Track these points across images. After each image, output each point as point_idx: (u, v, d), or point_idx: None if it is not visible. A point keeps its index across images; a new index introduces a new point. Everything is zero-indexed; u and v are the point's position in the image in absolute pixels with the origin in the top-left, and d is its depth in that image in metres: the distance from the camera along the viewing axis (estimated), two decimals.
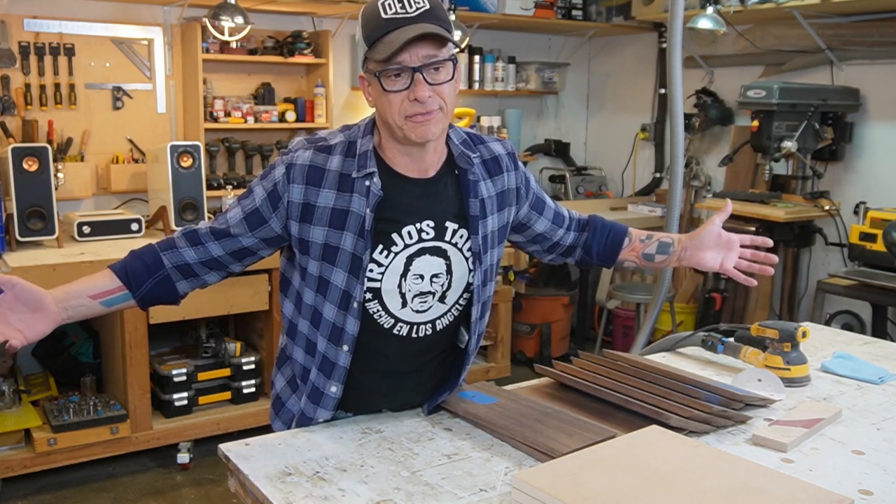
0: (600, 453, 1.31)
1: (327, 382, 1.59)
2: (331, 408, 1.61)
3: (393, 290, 1.57)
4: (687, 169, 4.96)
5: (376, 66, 1.46)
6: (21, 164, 3.28)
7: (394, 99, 1.46)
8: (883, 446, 1.51)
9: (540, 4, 4.87)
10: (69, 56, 3.83)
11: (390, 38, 1.43)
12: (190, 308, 3.44)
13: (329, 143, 1.56)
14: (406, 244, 1.56)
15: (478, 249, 1.60)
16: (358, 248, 1.52)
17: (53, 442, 3.21)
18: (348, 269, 1.53)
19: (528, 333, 4.89)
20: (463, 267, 1.61)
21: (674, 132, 2.64)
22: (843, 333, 2.33)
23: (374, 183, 1.52)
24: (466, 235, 1.60)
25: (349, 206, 1.52)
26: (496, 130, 5.09)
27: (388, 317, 1.59)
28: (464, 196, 1.59)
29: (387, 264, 1.55)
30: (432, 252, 1.57)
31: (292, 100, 4.42)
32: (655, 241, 1.83)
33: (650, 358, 1.98)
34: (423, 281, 1.58)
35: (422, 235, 1.56)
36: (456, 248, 1.60)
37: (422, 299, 1.59)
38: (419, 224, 1.56)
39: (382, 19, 1.44)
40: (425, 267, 1.57)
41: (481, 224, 1.60)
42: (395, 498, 1.28)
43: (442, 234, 1.58)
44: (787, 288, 4.39)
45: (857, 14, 4.12)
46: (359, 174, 1.52)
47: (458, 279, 1.61)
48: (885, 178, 4.14)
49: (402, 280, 1.57)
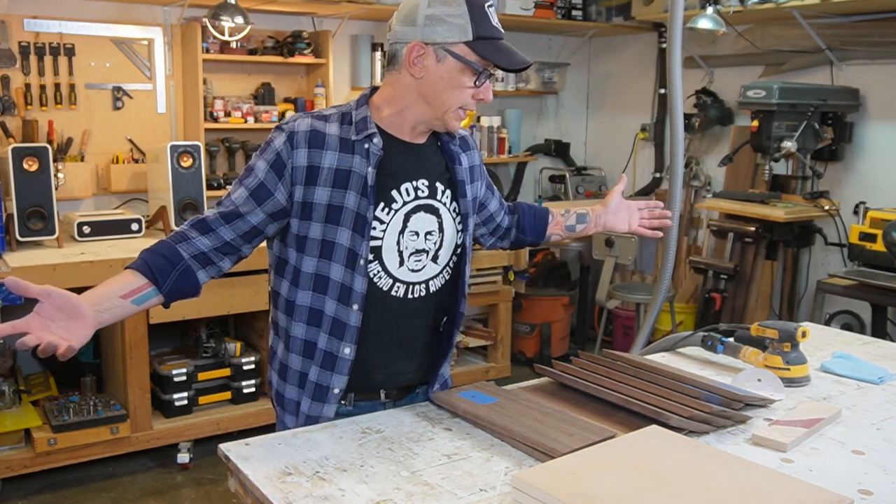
0: (600, 453, 1.31)
1: (340, 344, 1.64)
2: (346, 371, 1.65)
3: (392, 247, 1.65)
4: (687, 169, 4.97)
5: (480, 61, 1.56)
6: (21, 164, 3.28)
7: (466, 90, 1.58)
8: (883, 446, 1.51)
9: (540, 4, 4.87)
10: (69, 56, 3.83)
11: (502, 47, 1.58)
12: (190, 308, 3.44)
13: (323, 113, 1.66)
14: (405, 201, 1.65)
15: (466, 211, 1.73)
16: (361, 207, 1.60)
17: (53, 442, 3.21)
18: (352, 227, 1.60)
19: (528, 333, 4.89)
20: (452, 227, 1.73)
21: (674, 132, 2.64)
22: (843, 333, 2.33)
23: (373, 144, 1.61)
24: (451, 197, 1.72)
25: (351, 166, 1.60)
26: (496, 130, 5.09)
27: (386, 277, 1.66)
28: (449, 163, 1.73)
29: (388, 221, 1.64)
30: (426, 209, 1.68)
31: (292, 100, 4.42)
32: (574, 214, 2.05)
33: (650, 358, 1.98)
34: (418, 238, 1.67)
35: (418, 193, 1.67)
36: (446, 208, 1.71)
37: (417, 257, 1.68)
38: (415, 182, 1.67)
39: (492, 25, 1.58)
40: (420, 224, 1.67)
41: (468, 188, 1.75)
42: (395, 498, 1.28)
43: (434, 193, 1.69)
44: (787, 288, 4.39)
45: (857, 14, 4.12)
46: (358, 136, 1.61)
47: (449, 239, 1.72)
48: (885, 178, 4.14)
49: (400, 237, 1.66)
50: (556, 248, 5.33)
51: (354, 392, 1.70)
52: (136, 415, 3.40)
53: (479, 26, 1.56)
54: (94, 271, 3.20)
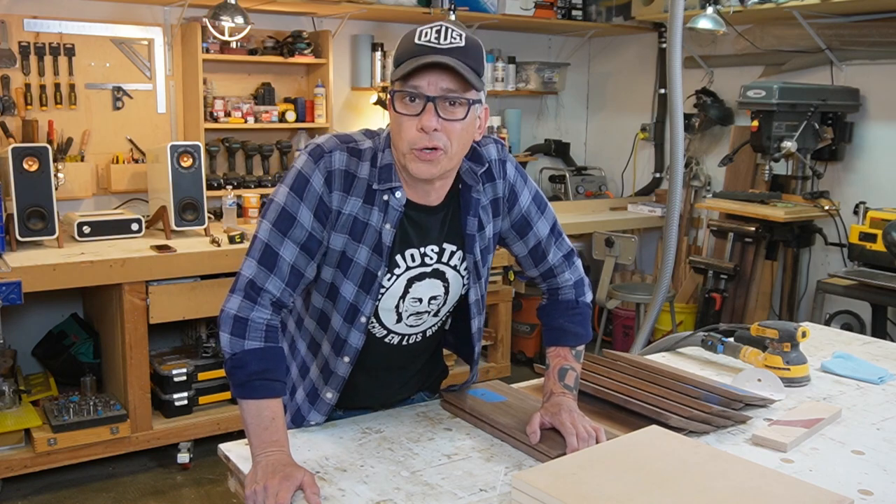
0: (600, 453, 1.31)
1: (325, 388, 1.59)
2: (324, 412, 1.60)
3: (390, 309, 1.56)
4: (687, 169, 4.97)
5: (395, 85, 1.41)
6: (21, 164, 3.28)
7: (404, 123, 1.40)
8: (883, 446, 1.51)
9: (540, 4, 4.87)
10: (69, 56, 3.83)
11: (413, 60, 1.37)
12: (190, 308, 3.44)
13: (359, 147, 1.50)
14: (408, 266, 1.53)
15: (473, 267, 1.58)
16: (371, 264, 1.49)
17: (53, 442, 3.21)
18: (359, 284, 1.50)
19: (528, 333, 4.89)
20: (458, 284, 1.60)
21: (674, 132, 2.64)
22: (843, 333, 2.33)
23: (395, 199, 1.47)
24: (462, 255, 1.57)
25: (369, 218, 1.48)
26: (496, 130, 5.09)
27: (381, 328, 1.59)
28: (462, 214, 1.55)
29: (388, 286, 1.53)
30: (432, 275, 1.56)
31: (292, 100, 4.42)
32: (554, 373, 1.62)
33: (650, 358, 1.98)
34: (421, 304, 1.57)
35: (425, 260, 1.54)
36: (453, 270, 1.58)
37: (417, 318, 1.60)
38: (423, 248, 1.54)
39: (414, 44, 1.39)
40: (425, 290, 1.56)
41: (479, 238, 1.57)
42: (395, 498, 1.28)
43: (442, 255, 1.56)
44: (787, 288, 4.39)
45: (857, 14, 4.12)
46: (380, 186, 1.47)
47: (453, 296, 1.61)
48: (885, 178, 4.14)
49: (400, 301, 1.55)
50: None
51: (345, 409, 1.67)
52: (136, 415, 3.39)
53: (400, 51, 1.41)
54: (94, 271, 3.20)
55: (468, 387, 1.74)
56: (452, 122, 1.40)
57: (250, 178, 4.23)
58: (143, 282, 3.31)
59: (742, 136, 4.47)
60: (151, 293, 3.34)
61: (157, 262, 3.33)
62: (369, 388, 1.66)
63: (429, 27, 1.40)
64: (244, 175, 4.25)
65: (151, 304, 3.34)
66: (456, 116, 1.40)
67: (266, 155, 4.32)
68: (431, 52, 1.37)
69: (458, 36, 1.39)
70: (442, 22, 1.42)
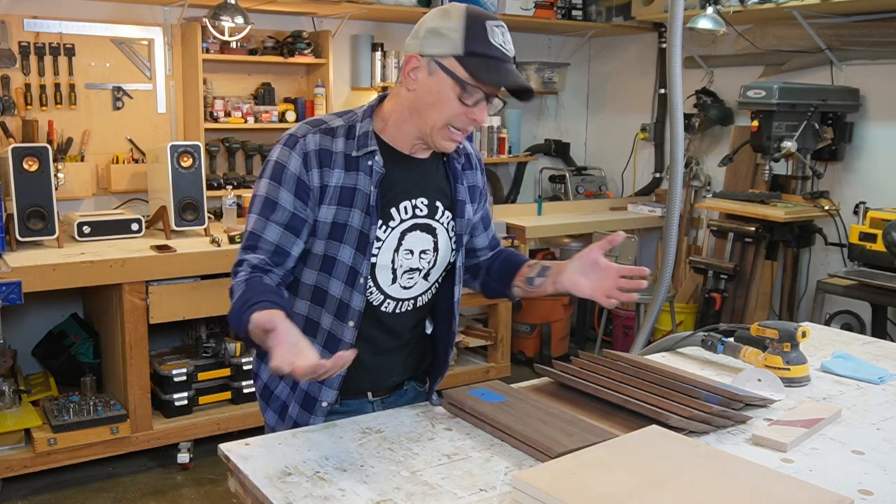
0: (600, 453, 1.31)
1: None
2: (336, 386, 1.66)
3: (386, 265, 1.64)
4: (687, 169, 4.97)
5: (468, 78, 1.50)
6: (21, 164, 3.28)
7: (455, 107, 1.52)
8: (883, 446, 1.51)
9: (540, 4, 4.87)
10: (69, 56, 3.83)
11: (494, 66, 1.50)
12: (190, 308, 3.44)
13: (331, 125, 1.61)
14: (402, 219, 1.63)
15: (461, 232, 1.71)
16: (365, 225, 1.58)
17: (53, 442, 3.21)
18: (355, 246, 1.59)
19: (528, 333, 4.89)
20: (447, 246, 1.70)
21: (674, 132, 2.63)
22: (843, 333, 2.33)
23: (375, 161, 1.59)
24: (451, 217, 1.69)
25: (356, 183, 1.58)
26: (496, 130, 5.09)
27: (378, 293, 1.66)
28: (451, 181, 1.70)
29: (384, 238, 1.62)
30: (423, 229, 1.66)
31: (292, 100, 4.42)
32: (539, 266, 1.77)
33: (650, 358, 1.98)
34: (412, 256, 1.66)
35: (416, 212, 1.64)
36: (443, 227, 1.69)
37: (409, 275, 1.67)
38: (414, 200, 1.64)
39: (490, 42, 1.50)
40: (416, 242, 1.65)
41: (466, 208, 1.72)
42: (395, 498, 1.28)
43: (433, 212, 1.67)
44: (787, 288, 4.39)
45: (857, 14, 4.12)
46: (359, 153, 1.58)
47: (442, 258, 1.70)
48: (885, 178, 4.14)
49: (394, 255, 1.64)
50: (556, 248, 5.33)
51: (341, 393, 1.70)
52: (136, 415, 3.40)
53: (473, 41, 1.50)
54: (94, 271, 3.20)
55: (467, 386, 1.75)
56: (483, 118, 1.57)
57: (250, 178, 4.23)
58: (143, 282, 3.31)
59: (742, 136, 4.47)
60: (151, 293, 3.34)
61: (157, 262, 3.33)
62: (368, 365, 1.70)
63: (496, 25, 1.52)
64: (244, 175, 4.25)
65: (151, 304, 3.34)
66: (490, 112, 1.59)
67: (266, 155, 4.31)
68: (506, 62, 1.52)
69: (510, 42, 1.55)
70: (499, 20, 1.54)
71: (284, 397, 1.72)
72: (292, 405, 1.70)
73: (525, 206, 5.05)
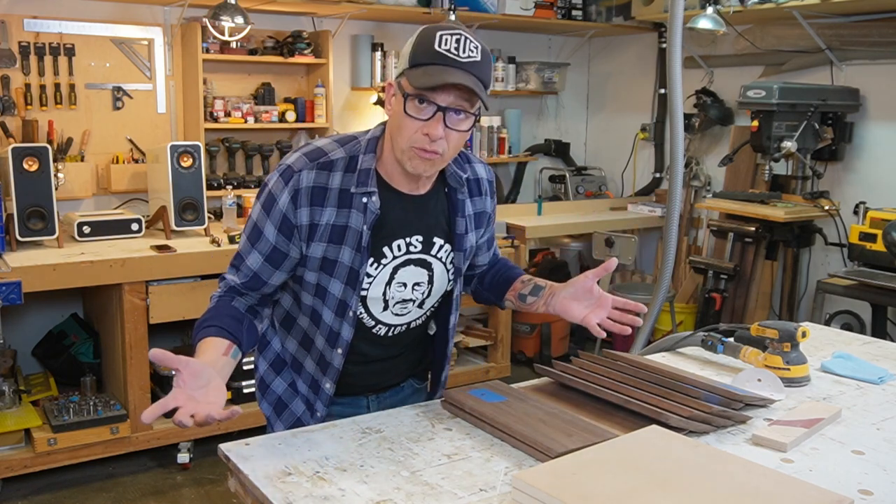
0: (600, 453, 1.31)
1: (323, 378, 1.69)
2: (326, 403, 1.70)
3: (378, 297, 1.64)
4: (687, 169, 4.97)
5: (409, 89, 1.46)
6: (21, 164, 3.28)
7: (409, 124, 1.47)
8: (883, 446, 1.51)
9: (540, 4, 4.87)
10: (69, 56, 3.83)
11: (433, 70, 1.43)
12: (190, 308, 3.44)
13: (330, 158, 1.57)
14: (395, 256, 1.62)
15: (459, 265, 1.70)
16: (355, 262, 1.58)
17: (53, 442, 3.21)
18: (345, 281, 1.59)
19: (528, 333, 4.89)
20: (443, 278, 1.69)
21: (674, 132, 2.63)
22: (843, 333, 2.33)
23: (371, 202, 1.55)
24: (450, 250, 1.67)
25: (347, 221, 1.56)
26: (496, 130, 5.09)
27: (369, 318, 1.67)
28: (451, 214, 1.66)
29: (375, 275, 1.61)
30: (417, 263, 1.64)
31: (292, 100, 4.42)
32: (532, 283, 1.77)
33: (650, 358, 1.98)
34: (405, 289, 1.65)
35: (409, 249, 1.63)
36: (440, 262, 1.67)
37: (403, 306, 1.68)
38: (409, 238, 1.62)
39: (434, 50, 1.44)
40: (409, 276, 1.64)
41: (465, 240, 1.69)
42: (395, 498, 1.28)
43: (429, 248, 1.65)
44: (787, 288, 4.39)
45: (857, 14, 4.12)
46: (357, 190, 1.55)
47: (438, 288, 1.70)
48: (885, 178, 4.14)
49: (386, 288, 1.63)
50: (556, 248, 5.33)
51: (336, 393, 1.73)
52: (136, 415, 3.39)
53: (418, 54, 1.46)
54: (94, 271, 3.20)
55: (467, 385, 1.75)
56: (455, 132, 1.49)
57: (250, 178, 4.23)
58: (143, 282, 3.31)
59: (742, 136, 4.47)
60: (151, 293, 3.34)
61: (157, 262, 3.33)
62: (361, 377, 1.74)
63: (449, 33, 1.45)
64: (244, 175, 4.25)
65: (151, 304, 3.34)
66: (460, 128, 1.49)
67: (266, 155, 4.32)
68: (452, 66, 1.44)
69: (475, 49, 1.46)
70: (460, 30, 1.47)
71: (280, 392, 1.75)
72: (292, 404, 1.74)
73: (525, 206, 5.06)
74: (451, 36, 1.45)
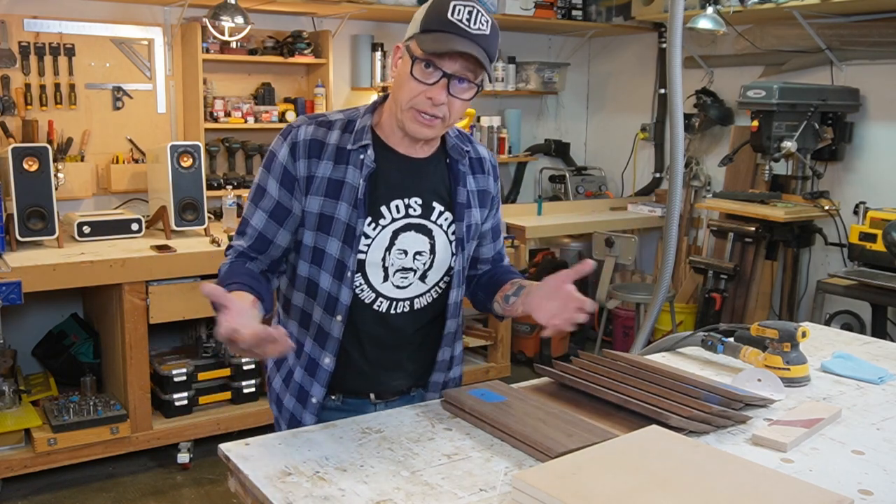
0: (600, 453, 1.31)
1: (322, 353, 1.66)
2: (324, 383, 1.66)
3: (377, 262, 1.63)
4: (687, 169, 4.97)
5: (418, 52, 1.50)
6: (21, 164, 3.28)
7: (413, 86, 1.51)
8: (883, 446, 1.51)
9: (540, 4, 4.87)
10: (69, 56, 3.83)
11: (444, 38, 1.48)
12: (190, 308, 3.44)
13: (329, 118, 1.64)
14: (393, 217, 1.62)
15: (461, 236, 1.68)
16: (352, 218, 1.59)
17: (53, 442, 3.21)
18: (342, 239, 1.60)
19: (528, 333, 4.89)
20: (446, 250, 1.68)
21: (673, 132, 2.63)
22: (843, 333, 2.33)
23: (367, 155, 1.59)
24: (451, 219, 1.67)
25: (344, 176, 1.59)
26: (496, 130, 5.09)
27: (369, 290, 1.64)
28: (452, 183, 1.67)
29: (374, 236, 1.61)
30: (418, 229, 1.64)
31: (292, 100, 4.42)
32: (517, 285, 1.71)
33: (650, 358, 1.98)
34: (406, 256, 1.64)
35: (409, 211, 1.63)
36: (441, 230, 1.66)
37: (403, 275, 1.65)
38: (407, 199, 1.63)
39: (447, 18, 1.49)
40: (410, 243, 1.64)
41: (467, 212, 1.68)
42: (395, 498, 1.28)
43: (429, 213, 1.65)
44: (787, 288, 4.39)
45: (856, 14, 4.12)
46: (353, 146, 1.60)
47: (441, 261, 1.68)
48: (885, 178, 4.14)
49: (386, 254, 1.63)
50: (556, 248, 5.33)
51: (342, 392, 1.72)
52: (136, 415, 3.40)
53: (431, 19, 1.51)
54: (94, 271, 3.20)
55: (467, 385, 1.75)
56: (457, 100, 1.52)
57: (250, 178, 4.23)
58: (143, 282, 3.31)
59: (742, 136, 4.47)
60: (151, 293, 3.34)
61: (157, 262, 3.33)
62: (363, 365, 1.70)
63: (462, 4, 1.50)
64: (244, 175, 4.25)
65: (151, 304, 3.34)
66: (463, 96, 1.53)
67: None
68: (462, 36, 1.48)
69: (485, 23, 1.51)
70: (473, 3, 1.51)
71: (279, 389, 1.74)
72: (287, 397, 1.73)
73: (525, 206, 5.06)
74: (465, 7, 1.49)
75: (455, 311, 1.75)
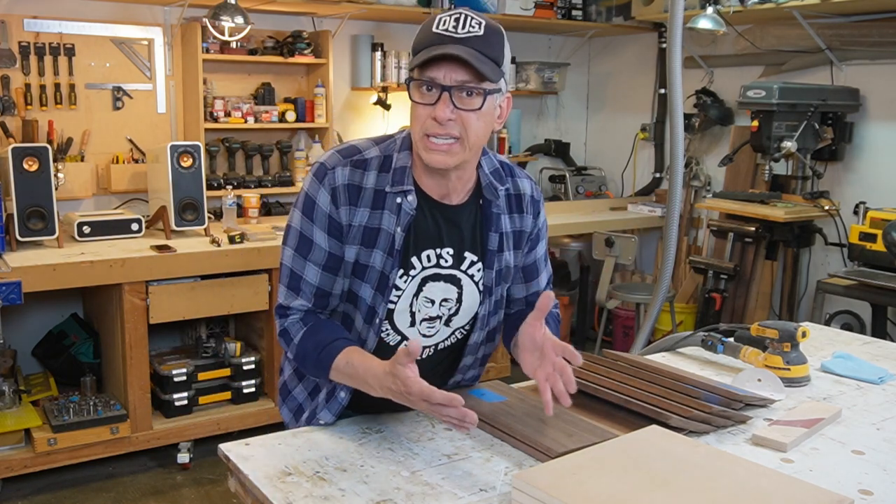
0: (600, 453, 1.31)
1: (339, 387, 1.60)
2: (335, 412, 1.61)
3: (405, 309, 1.59)
4: (687, 169, 4.97)
5: (413, 74, 1.44)
6: (21, 164, 3.28)
7: (420, 112, 1.44)
8: (883, 446, 1.51)
9: (540, 4, 4.87)
10: (69, 56, 3.83)
11: (430, 49, 1.40)
12: (190, 308, 3.44)
13: (364, 157, 1.53)
14: (423, 267, 1.56)
15: (490, 284, 1.61)
16: (386, 266, 1.52)
17: (53, 442, 3.21)
18: (375, 287, 1.54)
19: None
20: (474, 297, 1.62)
21: (674, 132, 2.63)
22: (843, 333, 2.33)
23: (407, 202, 1.51)
24: (482, 268, 1.60)
25: (380, 223, 1.52)
26: (496, 131, 5.08)
27: (395, 334, 1.61)
28: (483, 230, 1.59)
29: (404, 288, 1.56)
30: (447, 279, 1.58)
31: (292, 100, 4.42)
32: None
33: (650, 358, 1.98)
34: (433, 306, 1.60)
35: (440, 262, 1.57)
36: (470, 280, 1.60)
37: (430, 324, 1.61)
38: (439, 250, 1.56)
39: (432, 32, 1.42)
40: (437, 292, 1.59)
41: (497, 258, 1.61)
42: (395, 498, 1.28)
43: (459, 263, 1.58)
44: (787, 288, 4.39)
45: (857, 14, 4.12)
46: (392, 189, 1.51)
47: (467, 308, 1.63)
48: (885, 178, 4.14)
49: (413, 299, 1.58)
50: (555, 248, 5.33)
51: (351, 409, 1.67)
52: (136, 415, 3.40)
53: (419, 39, 1.44)
54: (94, 271, 3.20)
55: (467, 386, 1.75)
56: (468, 111, 1.43)
57: (250, 178, 4.23)
58: (143, 282, 3.31)
59: (742, 136, 4.47)
60: (151, 293, 3.34)
61: (157, 262, 3.33)
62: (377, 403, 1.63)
63: (448, 14, 1.43)
64: (244, 175, 4.25)
65: (151, 304, 3.34)
66: (472, 106, 1.43)
67: (266, 155, 4.32)
68: (448, 42, 1.40)
69: (476, 24, 1.43)
70: (462, 10, 1.45)
71: (301, 400, 1.69)
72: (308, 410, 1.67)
73: None
74: (451, 16, 1.42)
75: (474, 349, 1.71)
